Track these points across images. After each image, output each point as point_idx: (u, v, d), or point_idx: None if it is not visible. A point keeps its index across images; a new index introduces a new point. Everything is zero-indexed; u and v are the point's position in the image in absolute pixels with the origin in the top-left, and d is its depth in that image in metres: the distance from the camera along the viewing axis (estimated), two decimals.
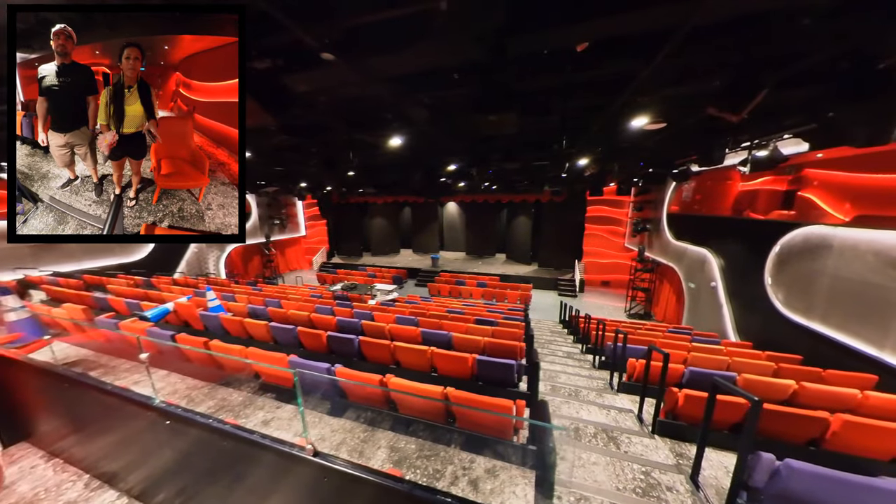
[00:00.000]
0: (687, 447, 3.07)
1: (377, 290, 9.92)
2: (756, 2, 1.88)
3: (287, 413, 3.05)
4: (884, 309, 4.42)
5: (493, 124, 2.61)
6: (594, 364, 6.05)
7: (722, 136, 4.98)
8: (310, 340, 4.44)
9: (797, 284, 5.87)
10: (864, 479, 1.78)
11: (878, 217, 5.63)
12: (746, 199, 8.83)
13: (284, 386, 3.28)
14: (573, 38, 2.20)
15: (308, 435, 1.14)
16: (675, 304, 10.63)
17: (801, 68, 2.59)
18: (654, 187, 11.55)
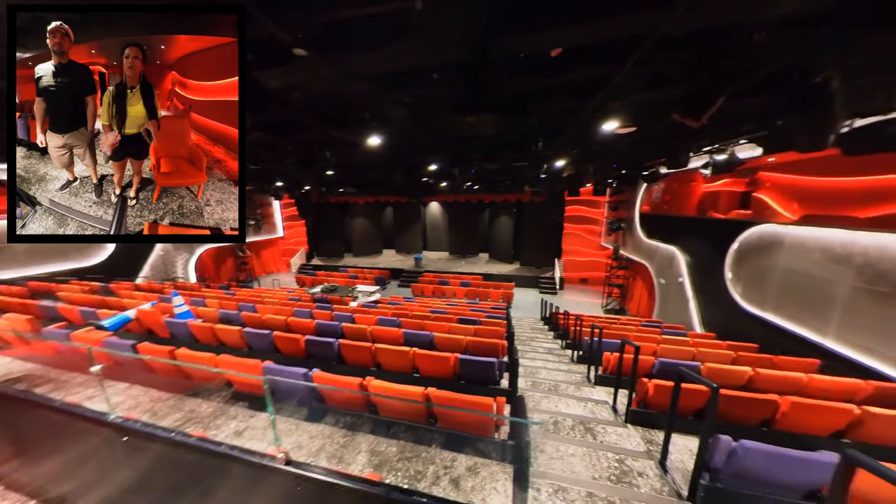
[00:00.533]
0: (657, 434, 3.25)
1: (358, 291, 9.75)
2: (715, 16, 2.02)
3: (261, 422, 2.93)
4: (825, 300, 4.88)
5: (472, 125, 2.64)
6: (573, 359, 6.26)
7: (686, 140, 5.31)
8: (287, 345, 4.29)
9: (753, 278, 6.36)
10: (806, 453, 1.97)
11: (821, 216, 6.22)
12: (709, 200, 9.46)
13: (259, 394, 3.15)
14: (548, 43, 2.26)
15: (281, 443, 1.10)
16: (648, 299, 11.20)
17: (755, 80, 2.82)
18: (626, 188, 12.11)
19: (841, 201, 5.94)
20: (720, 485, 2.17)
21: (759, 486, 2.11)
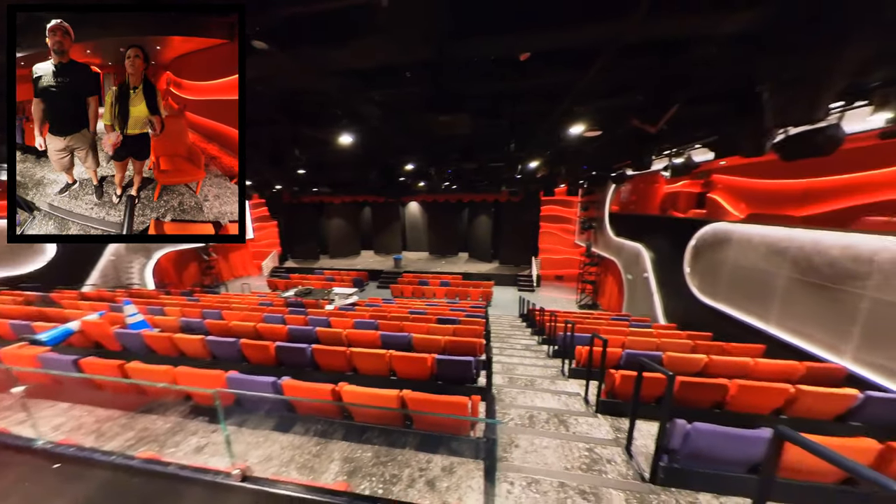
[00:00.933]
0: (624, 422, 3.43)
1: (335, 294, 9.48)
2: (668, 28, 2.16)
3: (221, 434, 2.76)
4: (767, 290, 5.40)
5: (446, 125, 2.65)
6: (549, 353, 6.47)
7: (648, 144, 5.65)
8: (255, 353, 4.08)
9: (708, 272, 6.90)
10: (749, 431, 2.17)
11: (764, 215, 6.89)
12: (670, 200, 10.17)
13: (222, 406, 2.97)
14: (514, 47, 2.32)
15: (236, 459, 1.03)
16: (617, 294, 11.82)
17: (705, 88, 3.06)
18: (597, 189, 12.68)
19: (780, 201, 6.61)
20: (677, 465, 2.33)
21: (711, 464, 2.30)
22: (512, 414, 3.44)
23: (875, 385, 3.83)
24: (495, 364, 5.46)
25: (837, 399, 3.04)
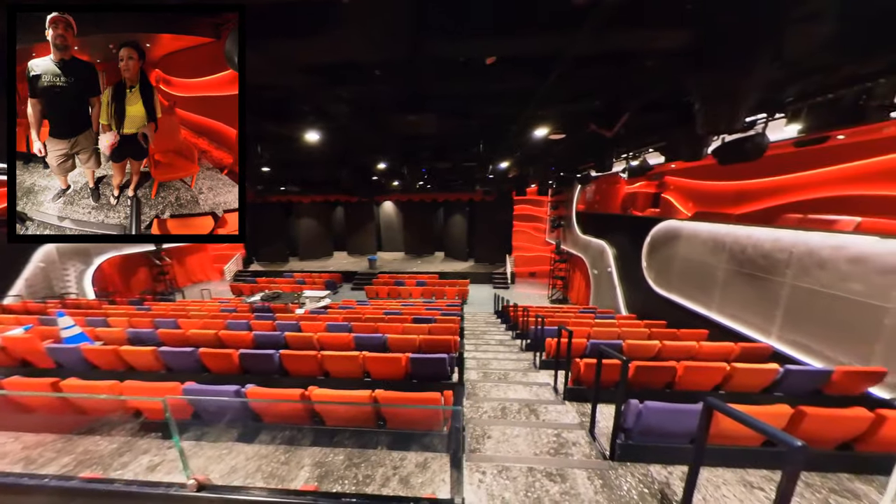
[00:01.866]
0: (589, 407, 3.67)
1: (306, 297, 9.11)
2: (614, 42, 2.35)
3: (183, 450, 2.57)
4: (710, 281, 6.02)
5: (414, 124, 2.67)
6: (522, 347, 6.71)
7: (608, 147, 6.06)
8: (217, 362, 3.83)
9: (661, 265, 7.54)
10: (691, 406, 2.43)
11: (707, 213, 7.66)
12: (630, 200, 10.96)
13: (178, 420, 2.76)
14: (477, 51, 2.40)
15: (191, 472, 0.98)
16: (585, 288, 12.51)
17: (651, 98, 3.36)
18: (565, 189, 13.33)
19: (720, 201, 7.39)
20: (631, 441, 2.56)
21: (661, 438, 2.55)
22: (485, 407, 3.55)
23: (793, 359, 4.43)
24: (471, 360, 5.57)
25: (763, 373, 3.48)
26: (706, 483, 2.36)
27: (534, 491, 2.26)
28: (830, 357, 4.20)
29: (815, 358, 4.36)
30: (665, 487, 2.34)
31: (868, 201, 4.63)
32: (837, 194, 5.14)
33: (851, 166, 4.89)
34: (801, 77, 2.86)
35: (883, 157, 4.53)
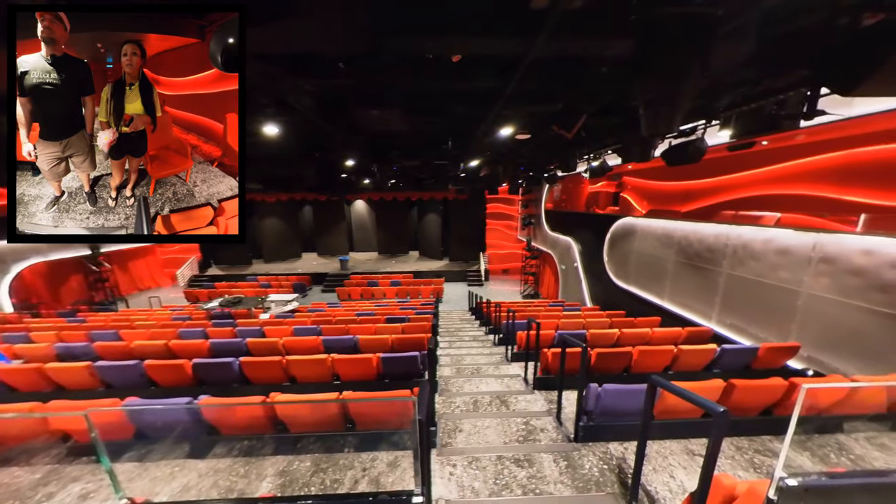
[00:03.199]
0: (555, 394, 3.87)
1: (271, 301, 8.62)
2: (569, 48, 2.48)
3: (122, 474, 2.32)
4: (661, 272, 6.58)
5: (378, 119, 2.63)
6: (495, 342, 6.89)
7: (572, 148, 6.38)
8: (166, 374, 3.51)
9: (620, 260, 8.11)
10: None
11: (659, 210, 8.36)
12: (593, 199, 11.64)
13: (115, 440, 2.49)
14: (439, 48, 2.42)
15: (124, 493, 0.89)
16: (554, 283, 13.10)
17: (608, 102, 3.59)
18: (534, 188, 13.84)
19: (670, 199, 8.09)
20: (592, 423, 2.74)
21: (617, 417, 2.75)
22: (458, 402, 3.61)
23: (729, 339, 4.99)
24: (445, 357, 5.62)
25: (704, 353, 3.89)
26: (655, 454, 2.60)
27: (503, 478, 2.35)
28: (759, 336, 4.79)
29: (746, 337, 4.95)
30: (622, 462, 2.54)
31: (786, 199, 5.33)
32: (763, 193, 5.86)
33: (773, 169, 5.59)
34: (730, 88, 3.22)
35: (796, 161, 5.24)
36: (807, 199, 5.03)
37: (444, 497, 2.16)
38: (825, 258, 4.06)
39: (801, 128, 3.27)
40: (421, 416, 1.28)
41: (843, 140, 4.63)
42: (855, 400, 2.54)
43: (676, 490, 2.27)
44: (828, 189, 4.82)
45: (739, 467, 2.49)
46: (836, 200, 4.71)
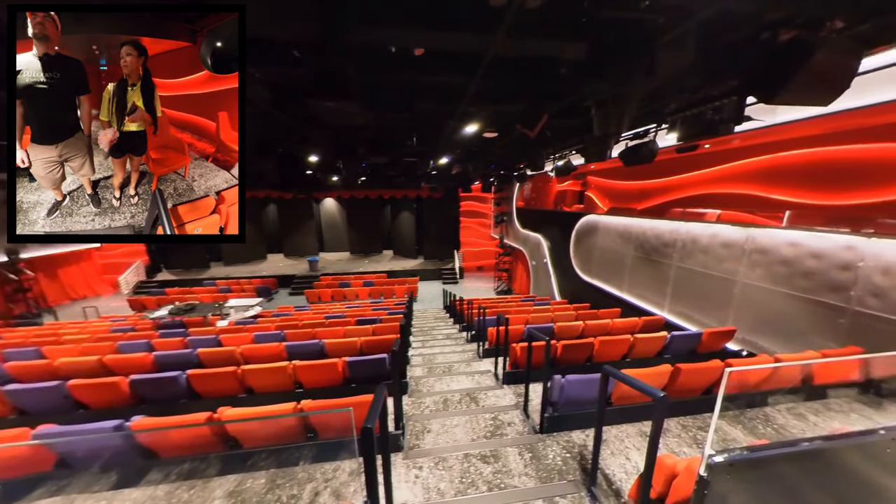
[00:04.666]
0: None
1: (230, 307, 8.01)
2: (528, 48, 2.52)
3: None
4: (621, 266, 7.01)
5: (334, 112, 2.50)
6: (467, 339, 6.94)
7: (538, 148, 6.57)
8: (97, 395, 3.11)
9: (585, 255, 8.53)
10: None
11: (619, 208, 8.90)
12: (560, 197, 12.13)
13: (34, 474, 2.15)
14: (396, 40, 2.35)
15: None
16: (526, 278, 13.50)
17: (566, 102, 3.72)
18: (506, 186, 14.13)
19: (628, 198, 8.64)
20: (556, 413, 2.83)
21: (580, 406, 2.87)
22: (427, 402, 3.57)
23: (678, 326, 5.43)
24: (417, 357, 5.55)
25: (656, 341, 4.19)
26: (613, 439, 2.74)
27: (468, 476, 2.35)
28: (703, 322, 5.26)
29: (693, 324, 5.42)
30: (583, 450, 2.65)
31: (725, 197, 5.90)
32: (706, 192, 6.44)
33: (713, 170, 6.15)
34: (675, 94, 3.47)
35: (732, 163, 5.81)
36: (741, 197, 5.60)
37: (408, 502, 2.11)
38: (757, 249, 4.54)
39: (736, 132, 3.62)
40: (370, 423, 1.23)
41: (769, 144, 5.21)
42: (778, 376, 2.86)
43: (631, 471, 2.41)
44: (758, 188, 5.40)
45: (685, 444, 2.70)
46: (765, 198, 5.29)
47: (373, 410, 1.27)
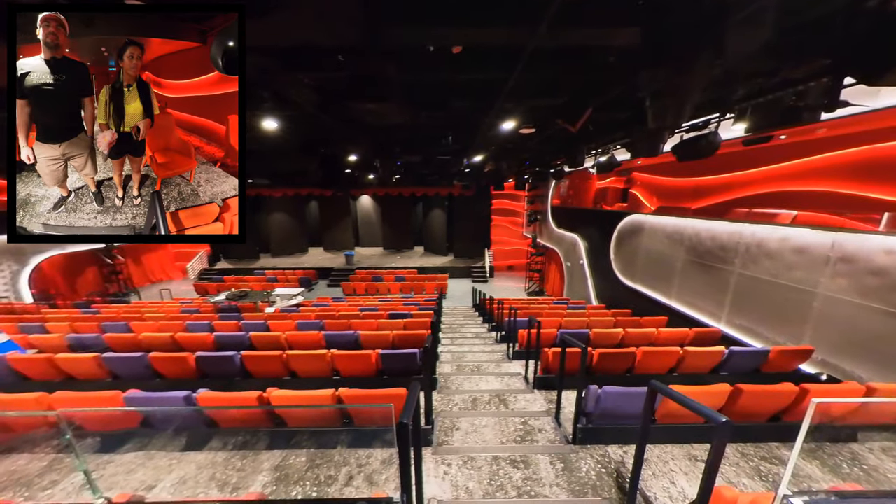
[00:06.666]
0: (555, 394, 3.81)
1: (277, 295, 8.74)
2: (573, 38, 2.37)
3: (122, 465, 2.37)
4: (669, 271, 6.40)
5: (374, 113, 2.57)
6: (496, 339, 6.84)
7: (579, 143, 6.21)
8: (170, 367, 3.58)
9: (627, 257, 7.93)
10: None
11: (669, 207, 8.12)
12: (601, 194, 11.39)
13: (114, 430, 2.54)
14: (439, 39, 2.34)
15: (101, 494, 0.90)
16: (560, 280, 12.94)
17: (614, 94, 3.45)
18: (540, 184, 13.60)
19: (680, 196, 7.85)
20: (591, 425, 2.68)
21: (617, 420, 2.69)
22: (457, 399, 3.59)
23: (738, 341, 4.84)
24: (446, 354, 5.60)
25: (711, 356, 3.77)
26: (656, 459, 2.53)
27: (497, 479, 2.32)
28: (770, 338, 4.62)
29: (756, 339, 4.79)
30: (620, 466, 2.48)
31: (803, 196, 5.10)
32: (779, 190, 5.62)
33: (791, 164, 5.34)
34: (746, 79, 3.05)
35: (815, 156, 4.99)
36: (825, 196, 4.80)
37: (437, 497, 2.14)
38: (844, 258, 3.87)
39: (822, 121, 3.09)
40: (406, 419, 1.25)
41: (866, 133, 4.39)
42: (871, 409, 2.42)
43: (676, 497, 2.20)
44: (848, 185, 4.59)
45: (744, 475, 2.40)
46: (858, 197, 4.48)
47: (408, 406, 1.30)
